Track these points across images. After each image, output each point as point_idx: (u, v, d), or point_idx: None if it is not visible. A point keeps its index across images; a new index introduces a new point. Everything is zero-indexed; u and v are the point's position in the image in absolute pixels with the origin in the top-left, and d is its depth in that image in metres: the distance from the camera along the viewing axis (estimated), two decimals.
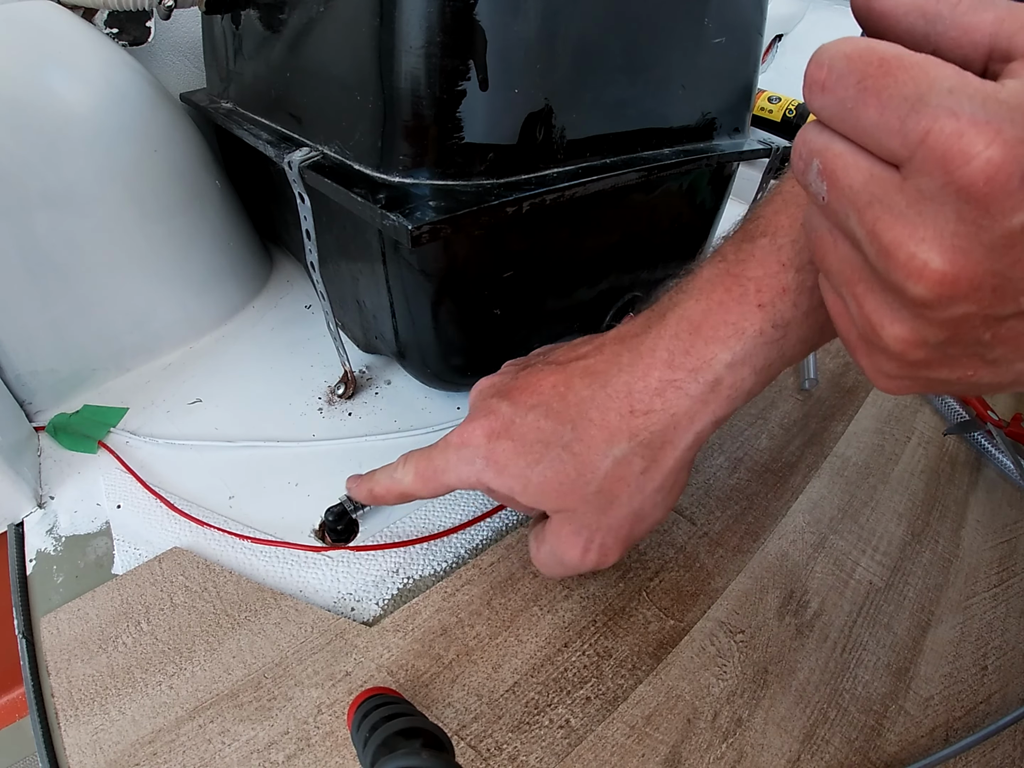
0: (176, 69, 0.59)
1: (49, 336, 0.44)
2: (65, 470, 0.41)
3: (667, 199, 0.48)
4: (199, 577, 0.35)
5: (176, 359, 0.51)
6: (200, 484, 0.41)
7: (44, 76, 0.41)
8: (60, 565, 0.36)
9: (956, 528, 0.42)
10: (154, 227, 0.47)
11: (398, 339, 0.43)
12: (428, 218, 0.31)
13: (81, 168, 0.42)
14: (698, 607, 0.35)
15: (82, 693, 0.30)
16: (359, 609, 0.34)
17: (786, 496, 0.43)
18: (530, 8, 0.32)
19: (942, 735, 0.31)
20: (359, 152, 0.35)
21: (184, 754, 0.28)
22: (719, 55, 0.43)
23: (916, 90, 0.14)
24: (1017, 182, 0.13)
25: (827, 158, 0.16)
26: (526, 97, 0.34)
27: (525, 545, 0.37)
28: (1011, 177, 0.13)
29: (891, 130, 0.14)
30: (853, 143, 0.16)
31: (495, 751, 0.29)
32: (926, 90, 0.13)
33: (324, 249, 0.41)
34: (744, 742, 0.30)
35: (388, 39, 0.31)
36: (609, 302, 0.50)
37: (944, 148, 0.13)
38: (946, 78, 0.13)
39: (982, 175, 0.13)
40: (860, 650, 0.34)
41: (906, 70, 0.14)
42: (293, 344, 0.53)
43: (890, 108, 0.14)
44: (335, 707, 0.30)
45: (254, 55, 0.44)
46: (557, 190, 0.35)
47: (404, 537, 0.38)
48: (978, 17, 0.15)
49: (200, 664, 0.31)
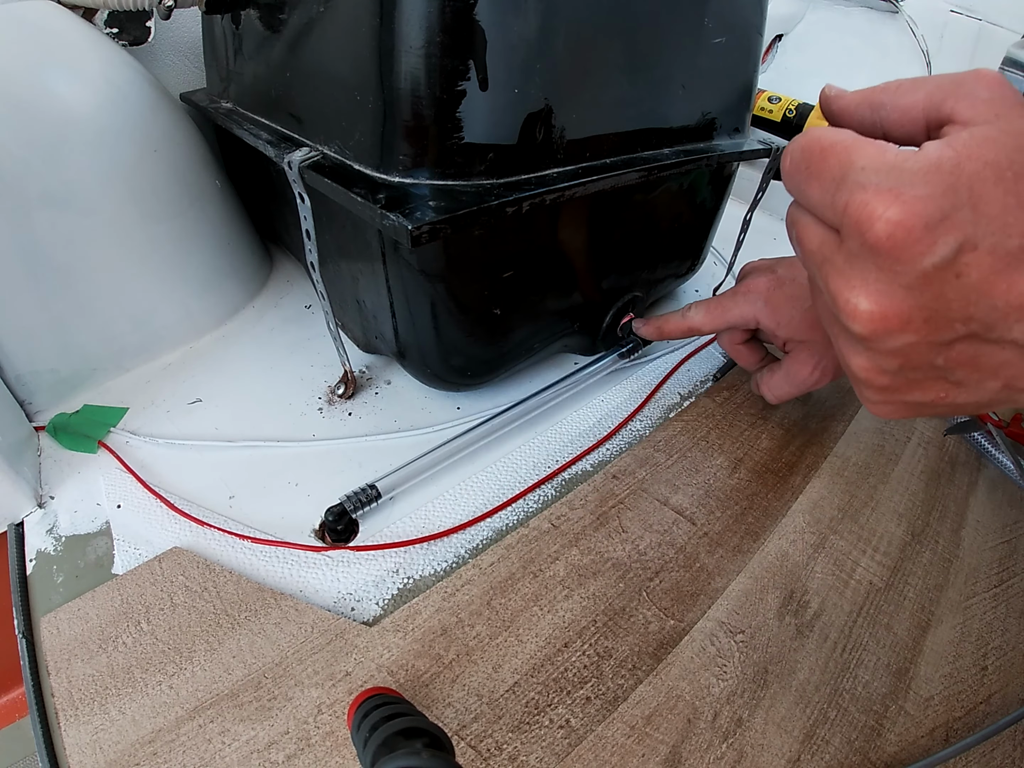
0: (176, 69, 0.59)
1: (49, 336, 0.44)
2: (65, 470, 0.41)
3: (667, 199, 0.48)
4: (199, 577, 0.35)
5: (176, 359, 0.51)
6: (200, 484, 0.41)
7: (44, 76, 0.41)
8: (60, 565, 0.36)
9: (956, 528, 0.42)
10: (154, 227, 0.47)
11: (398, 339, 0.43)
12: (428, 218, 0.31)
13: (81, 168, 0.42)
14: (698, 607, 0.35)
15: (82, 693, 0.30)
16: (359, 609, 0.34)
17: (786, 496, 0.43)
18: (530, 8, 0.32)
19: (942, 735, 0.31)
20: (359, 152, 0.35)
21: (184, 754, 0.28)
22: (719, 55, 0.43)
23: (840, 171, 0.17)
24: (920, 232, 0.16)
25: (797, 227, 0.21)
26: (526, 97, 0.34)
27: (525, 545, 0.37)
28: (913, 229, 0.16)
29: (826, 205, 0.18)
30: (811, 215, 0.20)
31: (495, 751, 0.29)
32: (847, 170, 0.17)
33: (324, 249, 0.41)
34: (744, 742, 0.30)
35: (388, 39, 0.31)
36: (609, 302, 0.50)
37: (856, 216, 0.17)
38: (862, 157, 0.17)
39: (884, 233, 0.16)
40: (860, 650, 0.34)
41: (836, 154, 0.18)
42: (293, 344, 0.53)
43: (825, 187, 0.18)
44: (335, 707, 0.30)
45: (254, 55, 0.44)
46: (557, 190, 0.35)
47: (404, 537, 0.38)
48: (912, 97, 0.19)
49: (200, 664, 0.31)
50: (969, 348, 0.19)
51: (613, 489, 0.42)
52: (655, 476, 0.43)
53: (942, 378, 0.20)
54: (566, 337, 0.50)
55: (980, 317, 0.17)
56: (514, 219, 0.34)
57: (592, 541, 0.38)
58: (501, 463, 0.43)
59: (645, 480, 0.42)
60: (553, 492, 0.42)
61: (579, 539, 0.38)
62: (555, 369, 0.52)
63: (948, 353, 0.19)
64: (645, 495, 0.41)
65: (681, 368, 0.54)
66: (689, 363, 0.54)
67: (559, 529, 0.39)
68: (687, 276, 0.59)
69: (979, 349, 0.18)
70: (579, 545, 0.38)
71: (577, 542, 0.38)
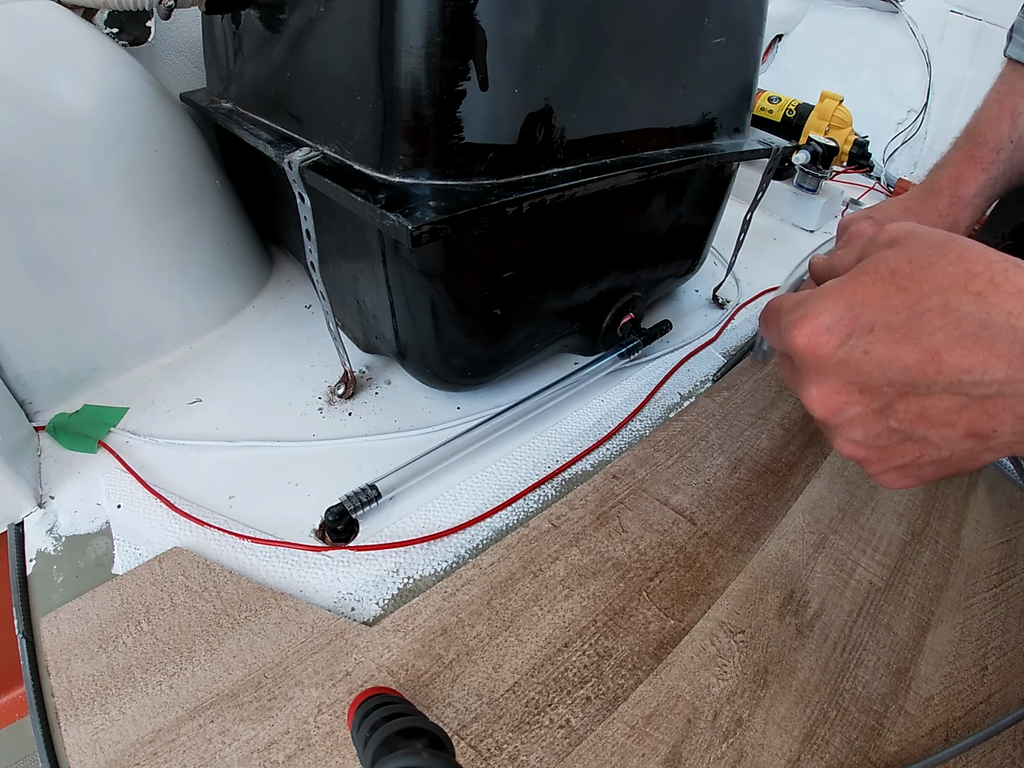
0: (176, 69, 0.59)
1: (49, 336, 0.44)
2: (65, 470, 0.41)
3: (667, 199, 0.48)
4: (199, 577, 0.35)
5: (176, 359, 0.51)
6: (200, 484, 0.41)
7: (44, 76, 0.41)
8: (60, 565, 0.36)
9: (956, 528, 0.42)
10: (154, 227, 0.47)
11: (398, 339, 0.43)
12: (428, 218, 0.31)
13: (81, 168, 0.42)
14: (698, 607, 0.35)
15: (82, 693, 0.30)
16: (359, 609, 0.34)
17: (786, 496, 0.43)
18: (530, 8, 0.32)
19: (942, 735, 0.31)
20: (359, 152, 0.35)
21: (184, 754, 0.28)
22: (719, 55, 0.43)
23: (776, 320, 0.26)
24: (825, 334, 0.23)
25: (778, 363, 0.29)
26: (526, 97, 0.34)
27: (525, 545, 0.37)
28: (820, 334, 0.23)
29: (778, 343, 0.26)
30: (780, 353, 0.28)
31: (495, 751, 0.29)
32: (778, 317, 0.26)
33: (324, 249, 0.41)
34: (744, 742, 0.30)
35: (388, 39, 0.31)
36: (609, 302, 0.50)
37: (788, 342, 0.24)
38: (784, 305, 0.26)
39: (803, 344, 0.24)
40: (860, 650, 0.34)
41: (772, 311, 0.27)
42: (293, 344, 0.53)
43: (774, 333, 0.27)
44: (335, 707, 0.30)
45: (254, 55, 0.44)
46: (557, 190, 0.35)
47: (404, 537, 0.38)
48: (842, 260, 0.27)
49: (200, 664, 0.31)
50: (910, 405, 0.23)
51: (613, 489, 0.42)
52: (655, 476, 0.43)
53: (907, 439, 0.24)
54: (566, 337, 0.50)
55: (898, 379, 0.23)
56: (514, 219, 0.34)
57: (592, 541, 0.38)
58: (501, 463, 0.43)
59: (645, 480, 0.42)
60: (553, 492, 0.42)
61: (579, 539, 0.38)
62: (555, 369, 0.52)
63: (895, 414, 0.24)
64: (645, 495, 0.41)
65: (681, 368, 0.54)
66: (689, 363, 0.54)
67: (559, 529, 0.39)
68: (687, 276, 0.59)
69: (920, 404, 0.23)
70: (579, 545, 0.38)
71: (577, 542, 0.38)
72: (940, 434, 0.23)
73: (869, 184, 0.97)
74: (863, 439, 0.25)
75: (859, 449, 0.26)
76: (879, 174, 1.01)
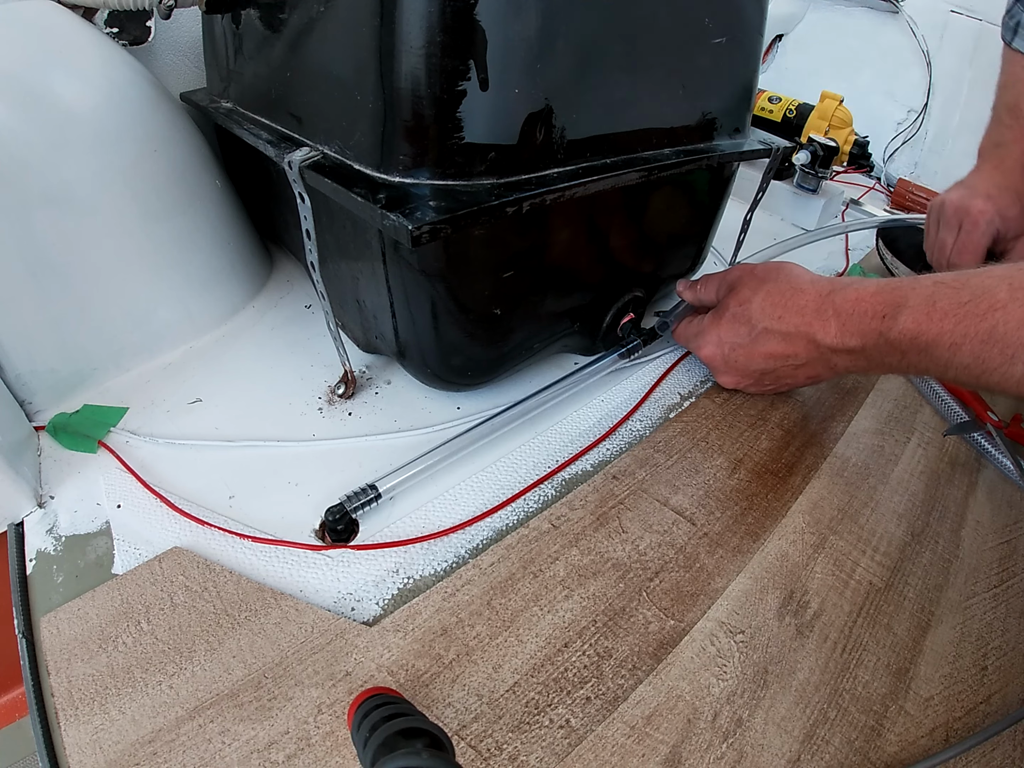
0: (176, 69, 0.59)
1: (49, 336, 0.44)
2: (65, 470, 0.41)
3: (667, 199, 0.48)
4: (199, 577, 0.35)
5: (176, 359, 0.51)
6: (200, 484, 0.41)
7: (44, 76, 0.41)
8: (60, 565, 0.36)
9: (956, 529, 0.42)
10: (154, 227, 0.47)
11: (398, 339, 0.43)
12: (428, 218, 0.31)
13: (81, 168, 0.42)
14: (698, 607, 0.35)
15: (82, 693, 0.30)
16: (359, 609, 0.34)
17: (786, 497, 0.43)
18: (530, 8, 0.32)
19: (942, 735, 0.32)
20: (359, 152, 0.35)
21: (184, 754, 0.28)
22: (719, 55, 0.43)
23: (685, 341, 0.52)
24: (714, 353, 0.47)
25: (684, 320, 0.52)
26: (526, 97, 0.34)
27: (525, 545, 0.37)
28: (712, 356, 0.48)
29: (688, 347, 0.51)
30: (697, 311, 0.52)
31: (495, 751, 0.29)
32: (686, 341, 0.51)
33: (324, 249, 0.41)
34: (744, 742, 0.30)
35: (388, 39, 0.31)
36: (609, 302, 0.50)
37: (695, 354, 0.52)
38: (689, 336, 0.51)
39: (703, 360, 0.50)
40: (860, 650, 0.34)
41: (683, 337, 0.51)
42: (293, 344, 0.53)
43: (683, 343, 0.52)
44: (335, 707, 0.30)
45: (254, 55, 0.44)
46: (557, 190, 0.35)
47: (404, 537, 0.38)
48: (706, 295, 0.49)
49: (200, 664, 0.31)
50: (770, 374, 0.46)
51: (613, 489, 0.42)
52: (655, 477, 0.43)
53: (773, 383, 0.47)
54: (566, 337, 0.50)
55: (759, 367, 0.45)
56: (514, 219, 0.34)
57: (592, 541, 0.38)
58: (501, 463, 0.43)
59: (645, 480, 0.42)
60: (553, 492, 0.42)
61: (579, 539, 0.38)
62: (555, 369, 0.52)
63: (765, 378, 0.47)
64: (645, 495, 0.41)
65: (681, 368, 0.54)
66: (689, 363, 0.54)
67: (559, 529, 0.39)
68: (688, 275, 0.59)
69: (775, 373, 0.45)
70: (579, 545, 0.38)
71: (577, 542, 0.38)
72: (790, 381, 0.47)
73: (869, 184, 0.97)
74: (751, 387, 0.49)
75: (747, 388, 0.49)
76: (879, 174, 1.01)
